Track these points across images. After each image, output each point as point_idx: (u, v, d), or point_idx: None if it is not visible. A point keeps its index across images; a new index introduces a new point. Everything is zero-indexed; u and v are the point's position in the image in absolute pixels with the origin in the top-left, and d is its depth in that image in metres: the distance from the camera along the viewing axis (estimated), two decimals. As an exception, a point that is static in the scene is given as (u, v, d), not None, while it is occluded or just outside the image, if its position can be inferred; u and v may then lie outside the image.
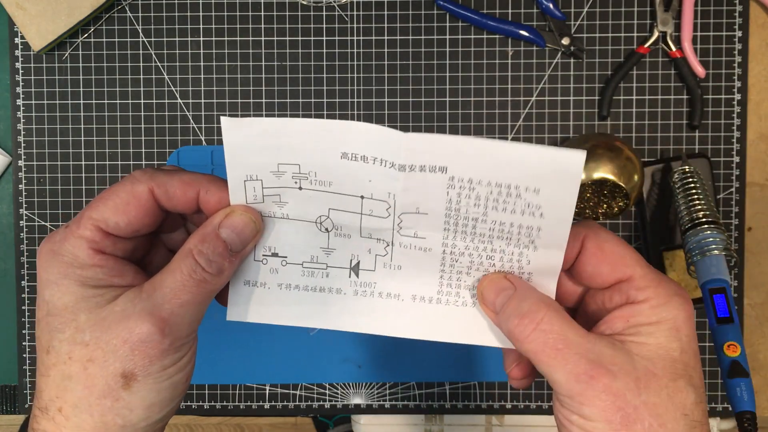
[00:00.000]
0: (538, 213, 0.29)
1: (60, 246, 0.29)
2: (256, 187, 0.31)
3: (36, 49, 0.55)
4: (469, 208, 0.30)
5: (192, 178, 0.30)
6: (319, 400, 0.59)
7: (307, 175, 0.30)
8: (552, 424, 0.59)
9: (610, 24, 0.57)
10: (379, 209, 0.31)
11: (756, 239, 0.58)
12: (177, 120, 0.58)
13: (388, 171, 0.29)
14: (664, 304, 0.28)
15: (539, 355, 0.28)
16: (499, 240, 0.31)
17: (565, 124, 0.57)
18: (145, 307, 0.28)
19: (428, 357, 0.58)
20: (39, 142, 0.58)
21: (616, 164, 0.51)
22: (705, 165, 0.55)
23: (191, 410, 0.59)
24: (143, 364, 0.28)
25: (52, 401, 0.28)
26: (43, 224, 0.58)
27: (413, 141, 0.28)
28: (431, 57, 0.57)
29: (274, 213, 0.31)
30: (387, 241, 0.32)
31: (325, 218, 0.32)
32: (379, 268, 0.32)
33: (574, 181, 0.28)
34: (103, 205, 0.29)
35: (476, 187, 0.29)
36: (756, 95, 0.57)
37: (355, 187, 0.30)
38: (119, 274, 0.29)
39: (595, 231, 0.30)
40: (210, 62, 0.57)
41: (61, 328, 0.28)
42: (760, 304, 0.58)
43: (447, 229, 0.31)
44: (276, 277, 0.32)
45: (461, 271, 0.32)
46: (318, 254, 0.32)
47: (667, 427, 0.27)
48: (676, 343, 0.28)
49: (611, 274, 0.30)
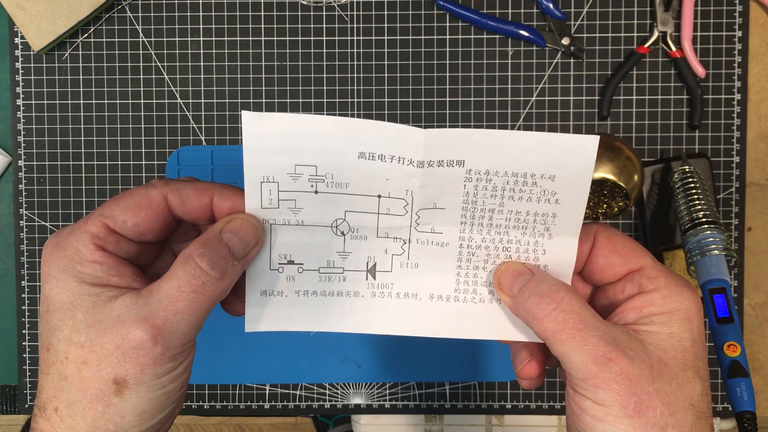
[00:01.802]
0: (553, 199, 0.30)
1: (65, 240, 0.29)
2: (272, 189, 0.30)
3: (36, 49, 0.55)
4: (486, 200, 0.30)
5: (206, 185, 0.31)
6: (319, 400, 0.59)
7: (324, 177, 0.30)
8: (552, 424, 0.59)
9: (610, 24, 0.57)
10: (396, 207, 0.31)
11: (756, 239, 0.58)
12: (177, 120, 0.58)
13: (406, 168, 0.30)
14: (676, 294, 0.29)
15: (558, 334, 0.28)
16: (515, 230, 0.31)
17: (565, 124, 0.57)
18: (140, 314, 0.28)
19: (428, 357, 0.58)
20: (39, 142, 0.58)
21: (616, 164, 0.51)
22: (705, 165, 0.55)
23: (191, 410, 0.59)
24: (135, 372, 0.28)
25: (49, 400, 0.28)
26: (43, 224, 0.58)
27: (432, 137, 0.29)
28: (431, 57, 0.57)
29: (288, 220, 0.31)
30: (404, 239, 0.32)
31: (341, 221, 0.31)
32: (395, 268, 0.32)
33: (588, 166, 0.29)
34: (115, 204, 0.29)
35: (493, 178, 0.30)
36: (756, 95, 0.57)
37: (372, 187, 0.30)
38: (118, 273, 0.29)
39: (605, 227, 0.32)
40: (210, 62, 0.57)
41: (59, 325, 0.28)
42: (760, 304, 0.58)
43: (464, 222, 0.31)
44: (293, 285, 0.32)
45: (478, 266, 0.32)
46: (334, 258, 0.32)
47: (677, 416, 0.27)
48: (688, 333, 0.28)
49: (624, 265, 0.30)
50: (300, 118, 0.29)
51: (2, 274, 0.59)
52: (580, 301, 0.28)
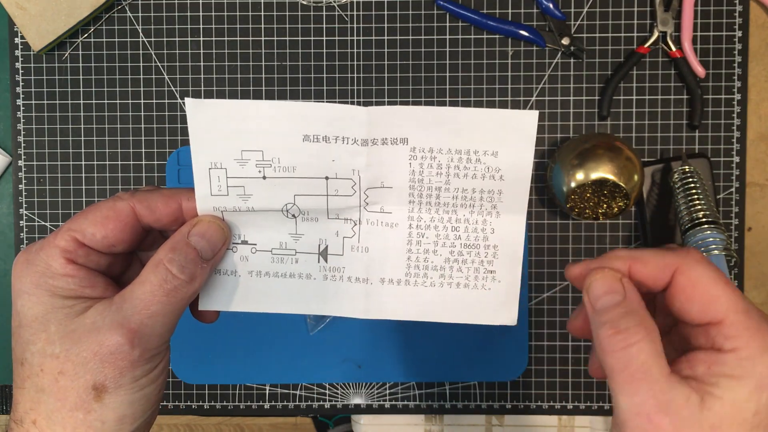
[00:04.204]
0: (498, 176, 0.31)
1: (35, 255, 0.29)
2: (220, 176, 0.31)
3: (36, 49, 0.55)
4: (432, 178, 0.31)
5: (172, 191, 0.31)
6: (319, 400, 0.59)
7: (271, 162, 0.31)
8: (552, 424, 0.59)
9: (610, 24, 0.57)
10: (344, 188, 0.31)
11: (756, 239, 0.58)
12: (177, 120, 0.58)
13: (351, 147, 0.30)
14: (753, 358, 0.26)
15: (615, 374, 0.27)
16: (463, 208, 0.32)
17: (565, 124, 0.57)
18: (115, 319, 0.28)
19: (428, 357, 0.58)
20: (39, 142, 0.58)
21: (616, 164, 0.51)
22: (705, 165, 0.55)
23: (191, 410, 0.59)
24: (114, 376, 0.28)
25: (26, 413, 0.29)
26: (43, 224, 0.58)
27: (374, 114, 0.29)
28: (431, 57, 0.57)
29: (239, 207, 0.32)
30: (354, 220, 0.32)
31: (291, 205, 0.32)
32: (347, 252, 0.33)
33: (530, 141, 0.30)
34: (83, 217, 0.30)
35: (437, 155, 0.30)
36: (756, 95, 0.57)
37: (319, 169, 0.31)
38: (90, 285, 0.30)
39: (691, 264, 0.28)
40: (210, 62, 0.57)
41: (32, 339, 0.28)
42: (760, 304, 0.58)
43: (412, 201, 0.32)
44: (246, 265, 0.33)
45: (428, 250, 0.32)
46: (287, 240, 0.33)
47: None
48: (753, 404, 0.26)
49: (700, 316, 0.27)
50: (243, 103, 0.30)
51: (2, 274, 0.59)
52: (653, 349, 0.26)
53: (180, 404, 0.59)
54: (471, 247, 0.32)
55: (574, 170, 0.51)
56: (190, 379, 0.58)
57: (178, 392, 0.59)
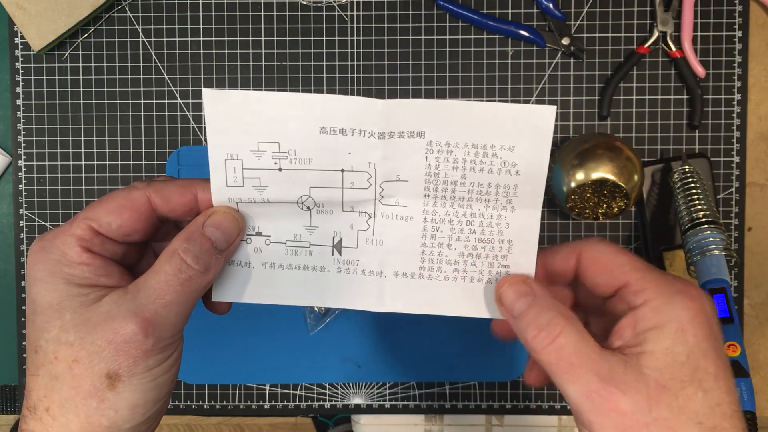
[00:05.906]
0: (514, 171, 0.31)
1: (50, 243, 0.29)
2: (236, 167, 0.31)
3: (36, 49, 0.55)
4: (447, 172, 0.31)
5: (188, 182, 0.31)
6: (319, 400, 0.59)
7: (287, 153, 0.31)
8: (552, 424, 0.59)
9: (610, 24, 0.57)
10: (360, 180, 0.31)
11: (756, 239, 0.58)
12: (177, 120, 0.58)
13: (368, 140, 0.30)
14: (666, 304, 0.27)
15: (553, 368, 0.28)
16: (478, 203, 0.31)
17: (565, 124, 0.57)
18: (130, 308, 0.28)
19: (428, 357, 0.58)
20: (39, 142, 0.58)
21: (616, 164, 0.51)
22: (705, 165, 0.55)
23: (191, 410, 0.59)
24: (128, 365, 0.28)
25: (40, 401, 0.29)
26: (43, 224, 0.58)
27: (392, 107, 0.29)
28: (431, 57, 0.57)
29: (254, 199, 0.32)
30: (369, 213, 0.32)
31: (306, 197, 0.32)
32: (361, 244, 0.33)
33: (547, 136, 0.30)
34: (99, 206, 0.30)
35: (454, 149, 0.30)
36: (756, 95, 0.57)
37: (335, 162, 0.31)
38: (106, 273, 0.30)
39: (591, 244, 0.30)
40: (210, 62, 0.57)
41: (46, 327, 0.28)
42: (760, 304, 0.58)
43: (427, 195, 0.31)
44: (260, 257, 0.33)
45: (442, 244, 0.32)
46: (301, 232, 0.33)
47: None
48: (682, 346, 0.27)
49: (609, 283, 0.29)
50: (261, 95, 0.30)
51: (2, 274, 0.59)
52: (578, 333, 0.28)
53: (180, 404, 0.59)
54: (485, 241, 0.32)
55: (574, 170, 0.51)
56: (190, 379, 0.58)
57: (178, 392, 0.59)
